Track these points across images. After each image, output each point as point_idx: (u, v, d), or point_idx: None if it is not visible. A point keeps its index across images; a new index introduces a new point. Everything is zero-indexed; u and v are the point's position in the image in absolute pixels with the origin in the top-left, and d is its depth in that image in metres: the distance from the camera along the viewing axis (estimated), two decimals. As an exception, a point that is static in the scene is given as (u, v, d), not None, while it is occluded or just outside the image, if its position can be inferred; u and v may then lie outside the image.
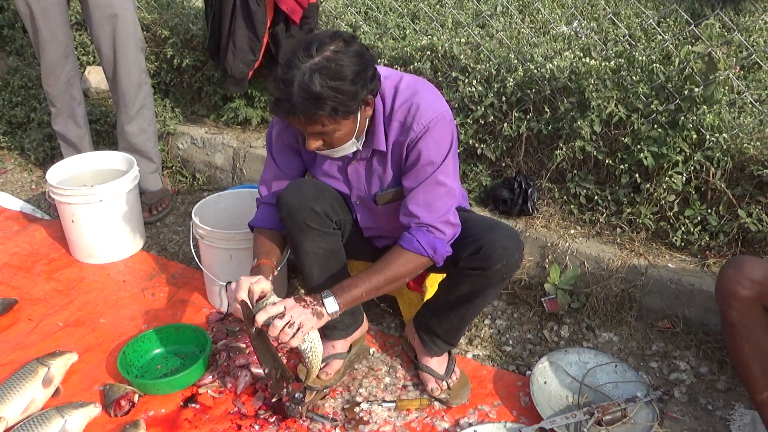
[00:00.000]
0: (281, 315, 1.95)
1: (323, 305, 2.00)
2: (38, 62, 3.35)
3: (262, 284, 2.03)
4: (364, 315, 2.56)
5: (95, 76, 4.27)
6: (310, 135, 1.97)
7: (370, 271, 2.07)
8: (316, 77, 1.81)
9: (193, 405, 2.35)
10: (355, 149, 2.10)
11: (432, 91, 2.11)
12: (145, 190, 3.54)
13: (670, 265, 2.65)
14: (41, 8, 3.07)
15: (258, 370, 2.40)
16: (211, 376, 2.45)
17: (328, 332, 2.44)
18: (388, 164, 2.14)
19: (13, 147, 4.18)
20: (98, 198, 2.99)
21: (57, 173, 3.16)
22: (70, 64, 3.31)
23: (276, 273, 2.22)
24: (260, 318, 1.96)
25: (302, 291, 2.94)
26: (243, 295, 2.00)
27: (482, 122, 3.09)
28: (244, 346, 2.52)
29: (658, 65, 2.74)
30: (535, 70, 2.98)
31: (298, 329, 1.95)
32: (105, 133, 4.00)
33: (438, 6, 4.02)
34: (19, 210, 3.61)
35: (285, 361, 2.46)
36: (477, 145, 3.10)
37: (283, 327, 1.93)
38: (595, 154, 2.83)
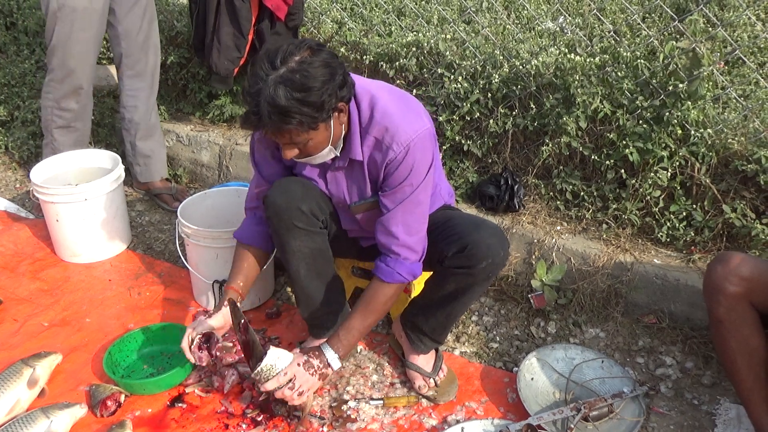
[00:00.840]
0: (290, 384, 2.06)
1: (329, 365, 2.10)
2: (46, 63, 3.32)
3: (206, 326, 2.22)
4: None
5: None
6: (284, 145, 1.96)
7: (360, 313, 2.13)
8: (281, 90, 1.79)
9: (180, 405, 2.34)
10: (333, 156, 2.08)
11: (412, 107, 2.08)
12: (157, 180, 3.62)
13: (655, 260, 2.66)
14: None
15: (245, 369, 2.40)
16: (198, 376, 2.44)
17: (315, 332, 2.44)
18: (365, 175, 2.12)
19: (-3, 145, 4.15)
20: (83, 197, 2.97)
21: (41, 172, 3.13)
22: None
23: (243, 297, 2.33)
24: (270, 386, 2.06)
25: (289, 289, 2.93)
26: (184, 345, 2.20)
27: (468, 118, 3.09)
28: (231, 345, 2.51)
29: (642, 61, 2.75)
30: (521, 67, 2.98)
31: (303, 392, 2.09)
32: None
33: (423, 2, 4.01)
34: (3, 209, 3.58)
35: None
36: (463, 142, 3.10)
37: (292, 394, 2.06)
38: (580, 150, 2.84)
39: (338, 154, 2.09)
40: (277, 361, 2.06)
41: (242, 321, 2.08)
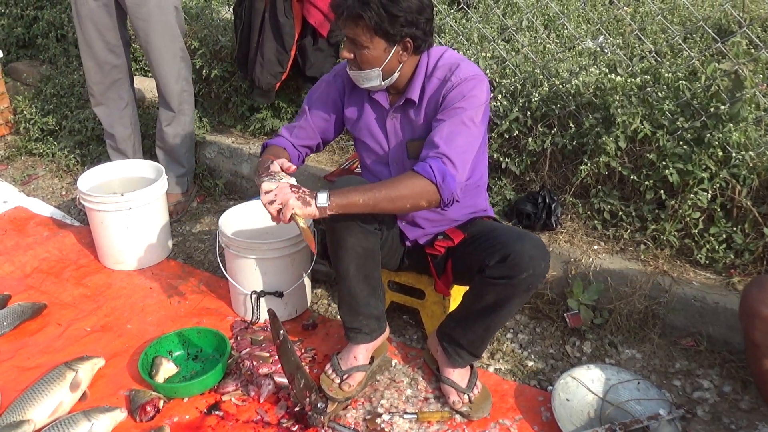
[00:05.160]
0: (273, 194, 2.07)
1: (315, 198, 2.04)
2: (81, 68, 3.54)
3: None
4: (387, 323, 2.56)
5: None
6: (347, 41, 2.14)
7: (374, 184, 2.11)
8: None
9: (216, 412, 2.37)
10: (378, 83, 2.20)
11: (474, 64, 2.25)
12: (171, 193, 3.66)
13: (694, 282, 2.64)
14: None
15: (281, 379, 2.43)
16: (234, 384, 2.48)
17: (352, 336, 2.45)
18: (422, 116, 2.24)
19: (45, 154, 4.27)
20: (127, 205, 3.04)
21: (87, 180, 3.22)
22: None
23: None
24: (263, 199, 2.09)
25: (325, 302, 2.96)
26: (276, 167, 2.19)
27: (507, 136, 3.10)
28: (267, 354, 2.55)
29: (684, 82, 2.74)
30: (561, 86, 2.99)
31: (283, 207, 2.03)
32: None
33: (464, 20, 4.05)
34: (50, 216, 3.68)
35: (308, 370, 2.48)
36: (501, 159, 3.12)
37: (271, 202, 2.04)
38: (619, 170, 2.84)
39: (382, 83, 2.20)
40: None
41: (281, 331, 2.11)
